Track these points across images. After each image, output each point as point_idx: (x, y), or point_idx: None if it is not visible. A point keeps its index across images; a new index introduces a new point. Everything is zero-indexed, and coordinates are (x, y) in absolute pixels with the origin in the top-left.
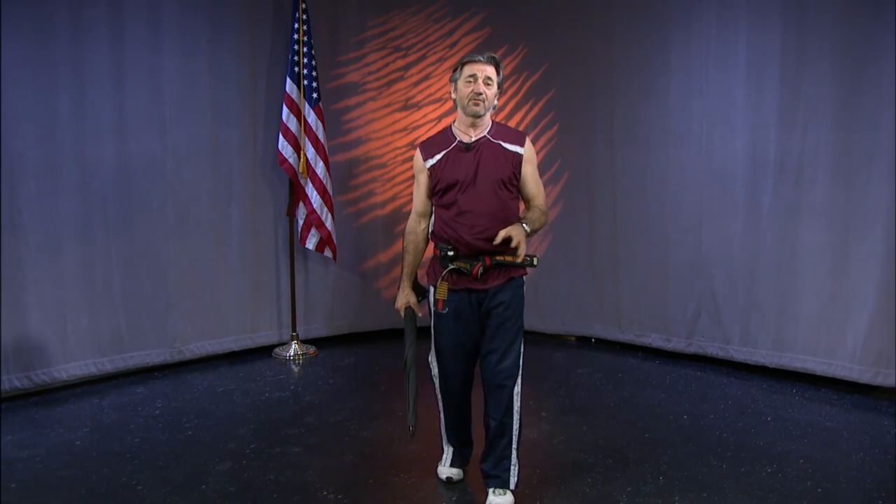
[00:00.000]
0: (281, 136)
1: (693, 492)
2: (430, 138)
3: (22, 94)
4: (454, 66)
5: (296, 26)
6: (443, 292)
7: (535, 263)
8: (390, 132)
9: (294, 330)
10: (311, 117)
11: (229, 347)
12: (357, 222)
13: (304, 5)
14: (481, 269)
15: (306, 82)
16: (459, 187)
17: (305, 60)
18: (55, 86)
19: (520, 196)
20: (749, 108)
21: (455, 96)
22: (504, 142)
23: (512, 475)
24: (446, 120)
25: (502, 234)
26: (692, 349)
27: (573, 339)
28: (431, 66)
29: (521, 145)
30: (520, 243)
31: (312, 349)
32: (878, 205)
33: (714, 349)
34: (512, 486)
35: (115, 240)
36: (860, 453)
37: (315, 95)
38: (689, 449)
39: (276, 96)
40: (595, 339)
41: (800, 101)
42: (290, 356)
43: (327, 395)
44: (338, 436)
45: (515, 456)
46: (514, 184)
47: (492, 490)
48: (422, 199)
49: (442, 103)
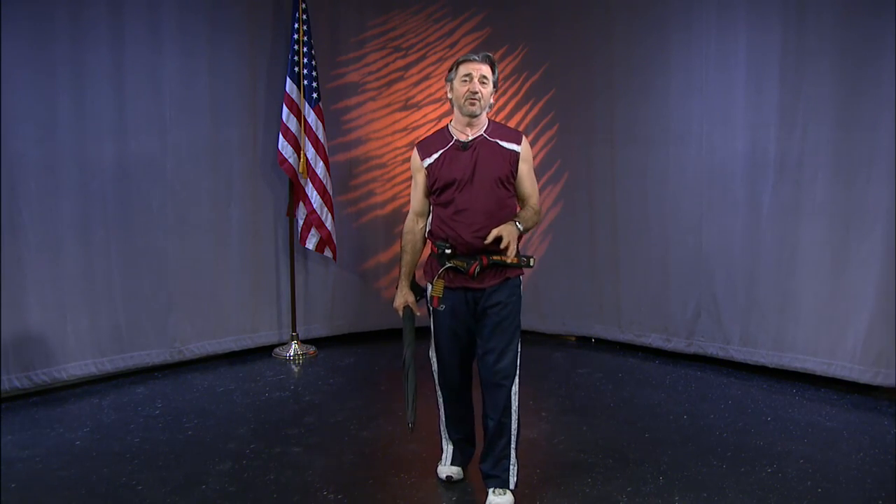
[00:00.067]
0: (281, 136)
1: (693, 492)
2: (427, 138)
3: (22, 94)
4: (449, 67)
5: (296, 26)
6: (439, 290)
7: (532, 264)
8: (390, 132)
9: (294, 330)
10: (311, 117)
11: (229, 347)
12: (357, 222)
13: (304, 5)
14: (478, 269)
15: (306, 82)
16: (457, 186)
17: (305, 60)
18: (55, 86)
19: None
20: (749, 108)
21: (451, 96)
22: (501, 140)
23: (511, 475)
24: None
25: (494, 234)
26: (692, 349)
27: (573, 339)
28: (431, 66)
29: (517, 143)
30: (510, 243)
31: (312, 349)
32: (878, 205)
33: (714, 349)
34: (511, 485)
35: (115, 240)
36: (860, 453)
37: (315, 95)
38: (689, 449)
39: (276, 96)
40: (595, 339)
41: (800, 101)
42: (290, 356)
43: (327, 395)
44: (338, 436)
45: (514, 456)
46: (511, 182)
47: (491, 490)
48: (419, 199)
49: (442, 103)
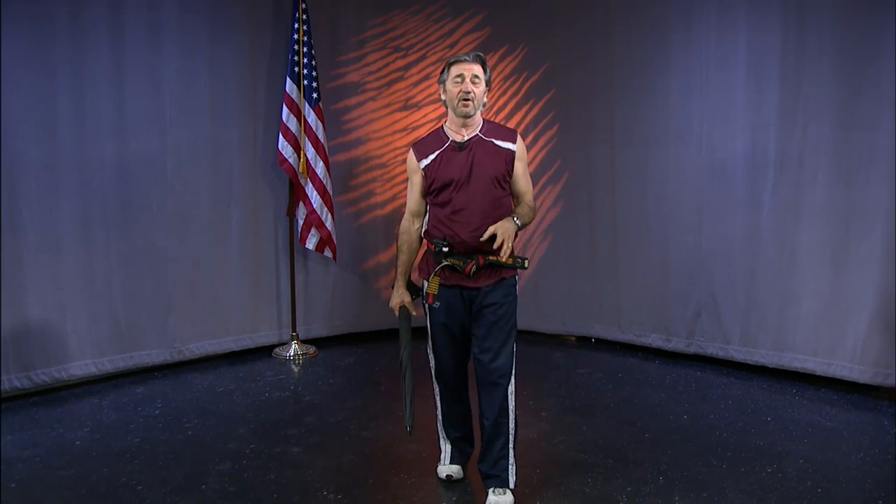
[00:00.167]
0: (281, 136)
1: (693, 492)
2: (422, 139)
3: (22, 94)
4: (441, 69)
5: (296, 26)
6: (434, 287)
7: (526, 266)
8: (390, 132)
9: (294, 330)
10: (311, 117)
11: (229, 347)
12: (357, 222)
13: (304, 5)
14: (474, 268)
15: (306, 82)
16: (454, 186)
17: (305, 60)
18: (55, 86)
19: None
20: (749, 108)
21: (444, 97)
22: (496, 139)
23: (510, 474)
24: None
25: (490, 231)
26: (692, 349)
27: (573, 339)
28: (431, 66)
29: (513, 142)
30: (506, 240)
31: (312, 349)
32: (878, 205)
33: (714, 349)
34: (511, 485)
35: (115, 240)
36: (860, 453)
37: (315, 95)
38: (689, 449)
39: (276, 96)
40: (595, 339)
41: (800, 101)
42: (290, 356)
43: (327, 395)
44: (338, 436)
45: (513, 455)
46: (507, 181)
47: (491, 490)
48: (416, 199)
49: (442, 103)
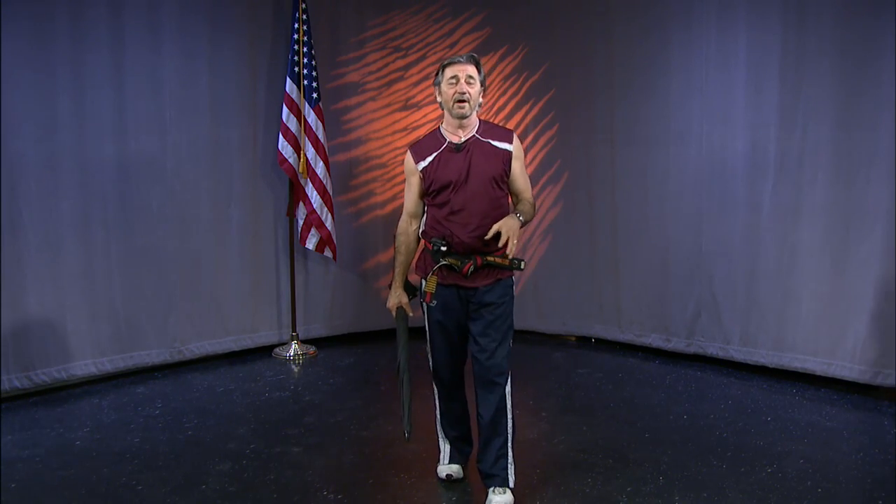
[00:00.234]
0: (281, 136)
1: (693, 492)
2: (419, 141)
3: (22, 94)
4: (435, 71)
5: (296, 26)
6: (431, 286)
7: (522, 267)
8: (390, 132)
9: (294, 330)
10: (311, 117)
11: (229, 347)
12: (357, 222)
13: (304, 5)
14: (472, 268)
15: (306, 82)
16: (453, 188)
17: (305, 60)
18: (55, 86)
19: (508, 191)
20: (749, 108)
21: (440, 99)
22: (493, 140)
23: (510, 474)
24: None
25: (494, 229)
26: (692, 349)
27: (573, 339)
28: (431, 66)
29: (509, 142)
30: (511, 237)
31: (312, 349)
32: (878, 205)
33: (714, 349)
34: (511, 484)
35: (115, 240)
36: (860, 453)
37: (315, 95)
38: (689, 449)
39: (276, 96)
40: (595, 339)
41: (800, 101)
42: (290, 356)
43: (327, 395)
44: (338, 436)
45: (512, 454)
46: (504, 181)
47: (491, 489)
48: (413, 200)
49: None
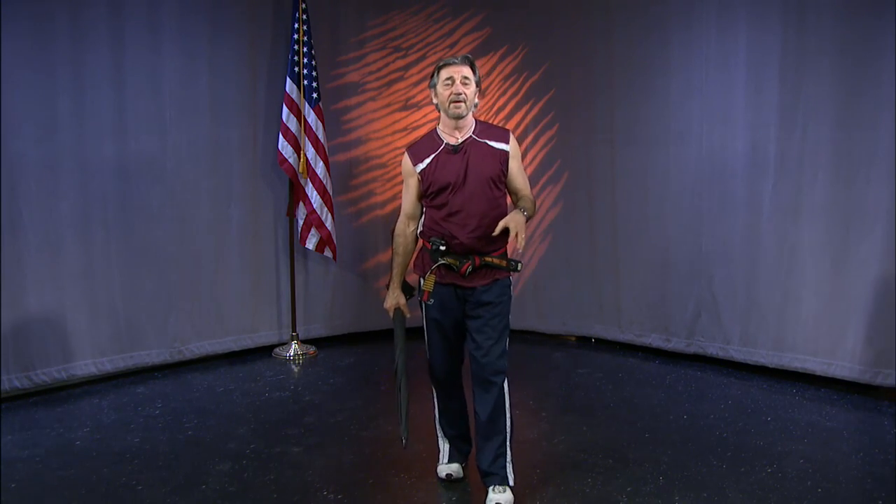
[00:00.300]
0: (281, 136)
1: (693, 492)
2: (416, 143)
3: (22, 94)
4: (430, 73)
5: (296, 26)
6: (429, 285)
7: (519, 269)
8: (390, 132)
9: (294, 330)
10: (311, 117)
11: (229, 347)
12: (357, 222)
13: (304, 5)
14: (470, 268)
15: (306, 82)
16: (451, 189)
17: (305, 60)
18: (55, 86)
19: (507, 191)
20: (749, 108)
21: (436, 101)
22: (490, 140)
23: (509, 472)
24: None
25: (501, 225)
26: (692, 349)
27: (573, 339)
28: (431, 67)
29: (506, 142)
30: (520, 231)
31: (312, 349)
32: (878, 205)
33: (714, 349)
34: (510, 482)
35: (115, 240)
36: (860, 453)
37: (315, 95)
38: (689, 449)
39: (276, 96)
40: (595, 339)
41: (800, 101)
42: (290, 356)
43: (327, 395)
44: (338, 436)
45: (511, 453)
46: (502, 181)
47: (491, 488)
48: (411, 202)
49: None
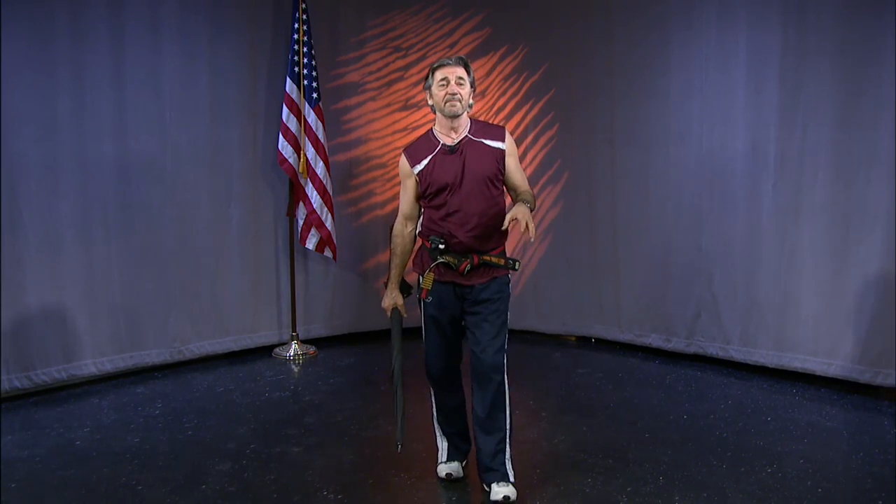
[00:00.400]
0: (281, 136)
1: (693, 492)
2: (413, 144)
3: (22, 94)
4: (425, 75)
5: (296, 26)
6: (428, 282)
7: (517, 268)
8: (390, 132)
9: (294, 330)
10: (311, 117)
11: (229, 347)
12: (357, 222)
13: (304, 5)
14: (468, 267)
15: (306, 82)
16: (449, 190)
17: (305, 60)
18: (55, 86)
19: (505, 188)
20: (749, 108)
21: (431, 102)
22: (485, 139)
23: (509, 468)
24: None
25: (509, 217)
26: (692, 349)
27: (573, 339)
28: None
29: (501, 140)
30: (528, 221)
31: (312, 349)
32: (878, 205)
33: (714, 349)
34: (511, 478)
35: (115, 240)
36: (860, 453)
37: (315, 95)
38: (689, 449)
39: (276, 96)
40: (595, 339)
41: (800, 101)
42: (290, 356)
43: (327, 395)
44: (338, 436)
45: (510, 450)
46: (499, 179)
47: (494, 483)
48: (409, 203)
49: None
